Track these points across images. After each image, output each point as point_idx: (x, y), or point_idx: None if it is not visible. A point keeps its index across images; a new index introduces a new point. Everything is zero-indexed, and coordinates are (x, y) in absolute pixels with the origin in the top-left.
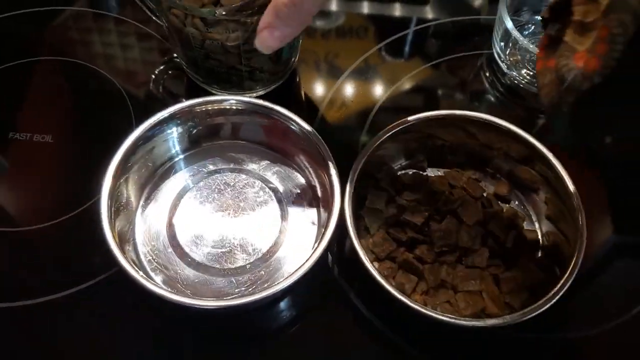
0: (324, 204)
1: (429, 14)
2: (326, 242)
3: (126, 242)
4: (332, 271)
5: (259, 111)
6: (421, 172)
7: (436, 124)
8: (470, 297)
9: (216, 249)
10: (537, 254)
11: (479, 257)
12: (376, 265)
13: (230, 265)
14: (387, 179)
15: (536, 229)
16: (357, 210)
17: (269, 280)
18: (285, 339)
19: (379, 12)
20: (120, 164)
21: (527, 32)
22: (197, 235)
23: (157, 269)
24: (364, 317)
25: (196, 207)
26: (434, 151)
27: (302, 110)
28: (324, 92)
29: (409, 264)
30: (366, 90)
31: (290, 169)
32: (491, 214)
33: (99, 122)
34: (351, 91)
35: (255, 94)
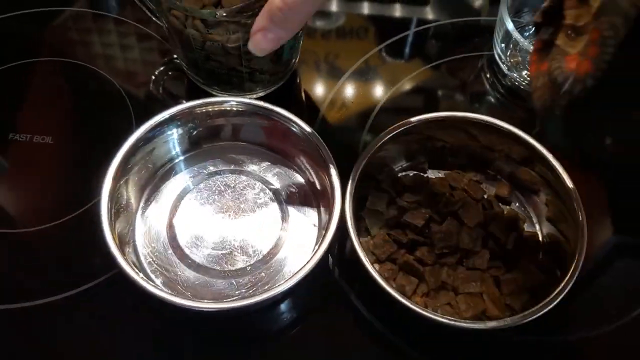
0: (325, 206)
1: (429, 15)
2: (327, 244)
3: (126, 243)
4: (333, 273)
5: (260, 112)
6: (422, 174)
7: (437, 126)
8: (471, 299)
9: (216, 250)
10: (538, 256)
11: (479, 258)
12: (377, 266)
13: (230, 267)
14: (388, 181)
15: (537, 231)
16: (357, 211)
17: (269, 282)
18: (285, 341)
19: (379, 13)
20: (120, 166)
21: (527, 34)
22: (197, 236)
23: (157, 271)
24: (365, 318)
25: (196, 208)
26: (434, 153)
27: (302, 111)
28: (324, 93)
29: (410, 265)
30: (367, 91)
31: (290, 171)
32: (492, 216)
33: (99, 123)
34: (352, 92)
35: (255, 95)
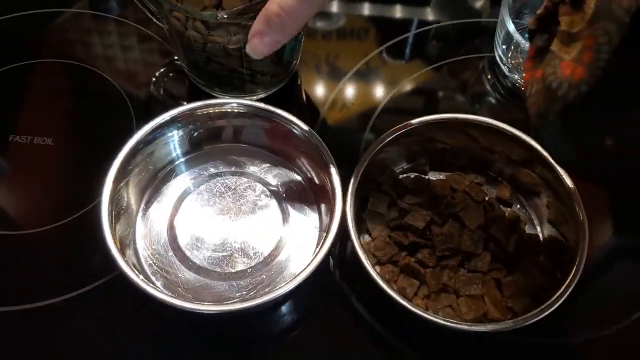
0: (326, 208)
1: (430, 16)
2: (328, 246)
3: (127, 245)
4: (334, 275)
5: (261, 114)
6: (423, 176)
7: (438, 128)
8: (472, 302)
9: (217, 252)
10: (539, 258)
11: (480, 261)
12: (378, 269)
13: (231, 269)
14: (389, 183)
15: (538, 233)
16: (358, 213)
17: (270, 284)
18: (286, 343)
19: (379, 14)
20: (120, 168)
21: (528, 35)
22: (198, 238)
23: (158, 273)
24: (366, 321)
25: (197, 210)
26: (435, 155)
27: (303, 112)
28: (325, 94)
29: (411, 268)
30: (367, 92)
31: (291, 172)
32: (493, 218)
33: (100, 125)
34: (352, 93)
35: (256, 97)
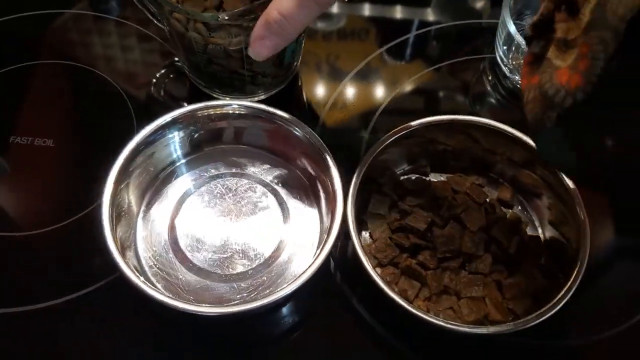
0: (327, 209)
1: (430, 17)
2: (329, 248)
3: (127, 247)
4: (335, 277)
5: (262, 116)
6: (424, 177)
7: (439, 129)
8: (473, 304)
9: (218, 254)
10: (541, 260)
11: (482, 263)
12: (379, 270)
13: (231, 270)
14: (390, 184)
15: (539, 235)
16: (359, 215)
17: (271, 286)
18: (287, 345)
19: (380, 15)
20: (121, 169)
21: (525, 42)
22: (198, 240)
23: (158, 275)
24: (367, 322)
25: (198, 212)
26: (436, 156)
27: (304, 114)
28: (326, 95)
29: (412, 269)
30: (368, 93)
31: (292, 174)
32: (494, 220)
33: (100, 126)
34: (353, 94)
35: (257, 98)
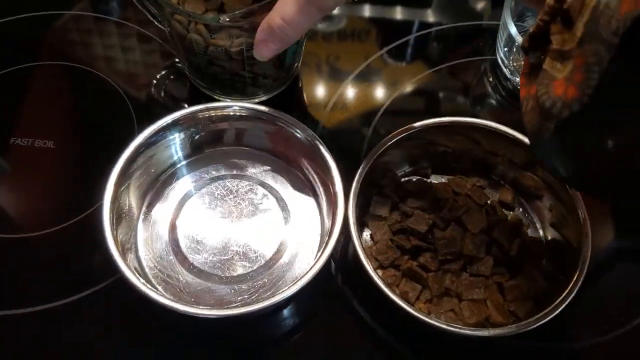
0: (328, 211)
1: (431, 18)
2: (330, 250)
3: (128, 249)
4: (336, 278)
5: (263, 117)
6: (425, 179)
7: (440, 131)
8: (474, 306)
9: (218, 256)
10: (542, 262)
11: (483, 265)
12: (380, 273)
13: (232, 272)
14: (391, 186)
15: (540, 237)
16: (360, 217)
17: (271, 288)
18: (288, 347)
19: (380, 15)
20: (122, 171)
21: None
22: (199, 242)
23: (159, 277)
24: (368, 325)
25: (198, 213)
26: (437, 158)
27: (305, 115)
28: (327, 96)
29: (413, 272)
30: (369, 94)
31: (293, 176)
32: (495, 222)
33: (101, 127)
34: (354, 96)
35: (258, 100)
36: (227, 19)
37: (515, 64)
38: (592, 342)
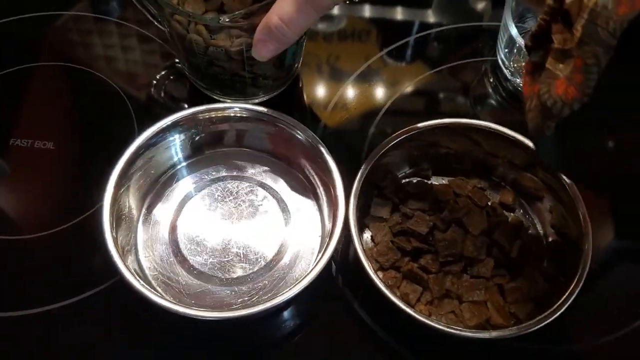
0: (328, 212)
1: (431, 18)
2: (330, 252)
3: (128, 251)
4: (336, 280)
5: (263, 118)
6: (426, 181)
7: (441, 132)
8: (475, 308)
9: (219, 258)
10: (543, 264)
11: (484, 267)
12: (380, 274)
13: (232, 274)
14: (392, 188)
15: (541, 238)
16: (361, 218)
17: (272, 290)
18: (288, 348)
19: (380, 16)
20: (122, 172)
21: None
22: (199, 244)
23: (159, 278)
24: (368, 326)
25: (199, 215)
26: (438, 159)
27: (305, 116)
28: (327, 97)
29: (414, 273)
30: (369, 95)
31: (294, 177)
32: (496, 223)
33: (101, 128)
34: (354, 96)
35: (258, 100)
36: (227, 20)
37: (515, 65)
38: (593, 344)
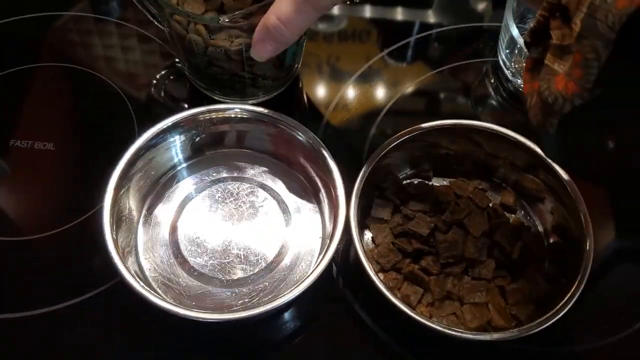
0: (329, 214)
1: (432, 19)
2: (331, 253)
3: (128, 252)
4: (337, 282)
5: (264, 119)
6: (427, 182)
7: (442, 133)
8: (476, 309)
9: (219, 259)
10: (544, 265)
11: (485, 268)
12: (381, 276)
13: (233, 275)
14: (393, 189)
15: (542, 240)
16: (362, 220)
17: (272, 291)
18: (289, 350)
19: (381, 16)
20: (122, 173)
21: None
22: (199, 245)
23: (159, 280)
24: (369, 328)
25: (199, 216)
26: (439, 160)
27: (305, 117)
28: (327, 98)
29: (415, 275)
30: (370, 96)
31: (294, 178)
32: (497, 225)
33: (101, 129)
34: (355, 97)
35: (257, 101)
36: (227, 20)
37: (517, 66)
38: (594, 345)
